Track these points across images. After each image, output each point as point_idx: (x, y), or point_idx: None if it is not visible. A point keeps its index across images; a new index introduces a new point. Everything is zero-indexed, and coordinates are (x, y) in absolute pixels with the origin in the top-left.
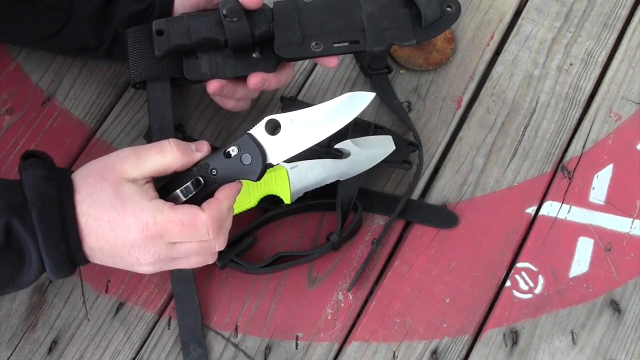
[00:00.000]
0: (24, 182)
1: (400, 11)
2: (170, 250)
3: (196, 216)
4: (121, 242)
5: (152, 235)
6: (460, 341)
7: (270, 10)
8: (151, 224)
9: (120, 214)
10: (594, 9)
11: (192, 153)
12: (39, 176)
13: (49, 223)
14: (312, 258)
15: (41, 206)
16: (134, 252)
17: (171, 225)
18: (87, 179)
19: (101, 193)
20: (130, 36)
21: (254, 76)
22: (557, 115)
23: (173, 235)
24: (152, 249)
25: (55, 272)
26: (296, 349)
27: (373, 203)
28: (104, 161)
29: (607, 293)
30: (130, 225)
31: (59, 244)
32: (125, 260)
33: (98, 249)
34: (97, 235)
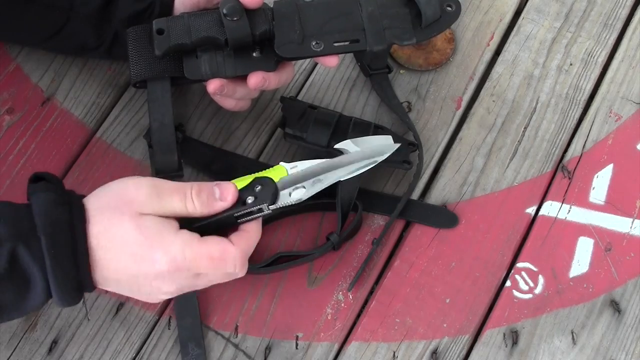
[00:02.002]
0: (33, 206)
1: (401, 10)
2: (194, 280)
3: (226, 250)
4: (144, 274)
5: (180, 268)
6: (460, 341)
7: (271, 10)
8: (180, 258)
9: (147, 249)
10: (594, 9)
11: (214, 203)
12: (49, 200)
13: (60, 251)
14: (312, 258)
15: (52, 233)
16: (156, 283)
17: (200, 259)
18: (102, 211)
19: (121, 228)
20: (130, 35)
21: (254, 75)
22: (557, 115)
23: (200, 269)
24: (177, 280)
25: (62, 301)
26: (296, 349)
27: (373, 203)
28: (121, 193)
29: (607, 293)
30: (157, 259)
31: (69, 272)
32: (143, 290)
33: (114, 280)
34: (116, 269)
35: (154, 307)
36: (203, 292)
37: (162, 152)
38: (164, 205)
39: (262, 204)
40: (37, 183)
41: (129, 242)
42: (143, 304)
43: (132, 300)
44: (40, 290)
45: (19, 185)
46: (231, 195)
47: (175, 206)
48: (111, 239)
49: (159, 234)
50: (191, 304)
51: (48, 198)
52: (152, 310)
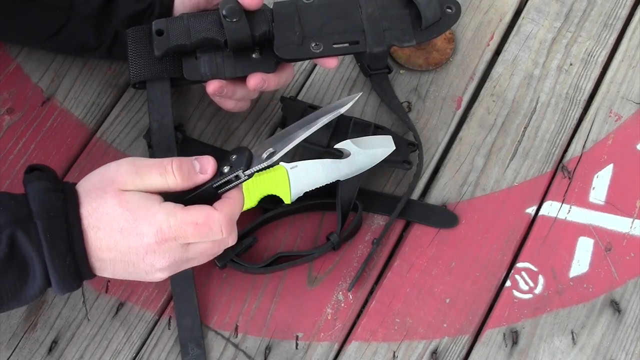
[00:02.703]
0: (29, 194)
1: (401, 12)
2: (185, 252)
3: (209, 216)
4: (135, 249)
5: (166, 238)
6: (460, 341)
7: (270, 11)
8: (165, 227)
9: (132, 223)
10: (594, 9)
11: (195, 176)
12: (43, 188)
13: (55, 235)
14: (312, 258)
15: (46, 218)
16: (148, 258)
17: (185, 227)
18: (89, 193)
19: (106, 206)
20: (130, 36)
21: (254, 77)
22: (557, 115)
23: (188, 236)
24: (167, 252)
25: (61, 285)
26: (296, 349)
27: (373, 203)
28: (104, 173)
29: (607, 293)
30: (144, 231)
31: (65, 256)
32: (139, 268)
33: (109, 260)
34: (108, 246)
35: (154, 307)
36: (203, 291)
37: (162, 152)
38: (144, 180)
39: (238, 171)
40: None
41: (115, 218)
42: (143, 303)
43: (132, 300)
44: (38, 275)
45: (19, 185)
46: (211, 167)
47: (155, 181)
48: (99, 217)
49: (142, 207)
50: (191, 304)
51: (42, 186)
52: (152, 310)
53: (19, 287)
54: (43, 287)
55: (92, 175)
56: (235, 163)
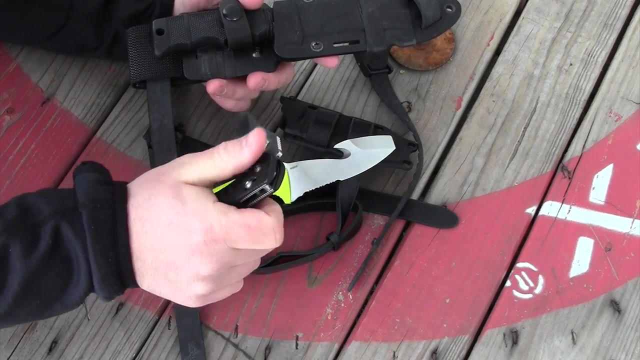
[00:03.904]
0: (77, 184)
1: (401, 11)
2: (233, 256)
3: (262, 220)
4: (181, 248)
5: (216, 238)
6: (460, 341)
7: (271, 10)
8: (216, 225)
9: (182, 216)
10: (594, 9)
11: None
12: (92, 179)
13: (99, 227)
14: (312, 258)
15: (92, 208)
16: (194, 261)
17: (237, 228)
18: (143, 184)
19: (159, 196)
20: (130, 36)
21: (254, 76)
22: (557, 115)
23: (238, 240)
24: (215, 255)
25: (102, 285)
26: (296, 349)
27: (373, 203)
28: (160, 167)
29: (607, 293)
30: (193, 227)
31: (108, 251)
32: (181, 275)
33: (151, 261)
34: (153, 243)
35: (154, 307)
36: None
37: (162, 152)
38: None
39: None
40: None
41: (165, 209)
42: (143, 303)
43: (132, 300)
44: (82, 275)
45: (19, 185)
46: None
47: (206, 165)
48: (149, 207)
49: (195, 201)
50: None
51: (91, 177)
52: (152, 310)
53: (63, 287)
54: (87, 288)
55: (147, 172)
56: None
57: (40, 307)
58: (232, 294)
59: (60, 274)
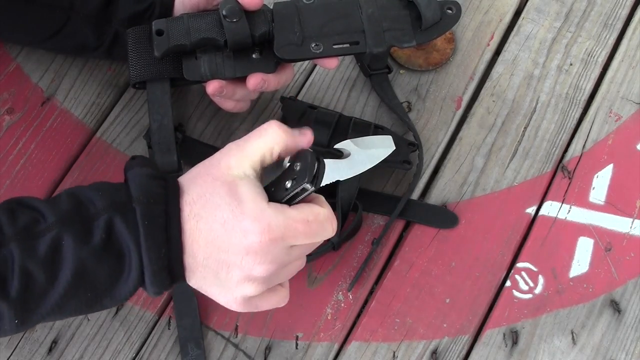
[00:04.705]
0: (130, 179)
1: (401, 13)
2: (288, 254)
3: (318, 212)
4: (235, 247)
5: (274, 238)
6: (460, 341)
7: (270, 11)
8: (274, 225)
9: (238, 216)
10: (594, 9)
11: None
12: (145, 174)
13: (153, 222)
14: (312, 258)
15: (146, 203)
16: (248, 261)
17: (295, 225)
18: (196, 179)
19: (214, 193)
20: (130, 36)
21: (254, 77)
22: (557, 115)
23: (297, 235)
24: (271, 254)
25: (154, 280)
26: (296, 349)
27: (373, 203)
28: (209, 160)
29: (607, 293)
30: (249, 228)
31: (161, 246)
32: (232, 275)
33: (203, 259)
34: (206, 241)
35: (154, 307)
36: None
37: (162, 152)
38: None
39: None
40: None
41: (221, 207)
42: (143, 303)
43: (132, 300)
44: (134, 267)
45: (19, 185)
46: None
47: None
48: (204, 204)
49: (252, 201)
50: (191, 304)
51: (144, 172)
52: (152, 311)
53: (114, 280)
54: (137, 283)
55: (197, 165)
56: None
57: (90, 300)
58: None
59: (112, 267)
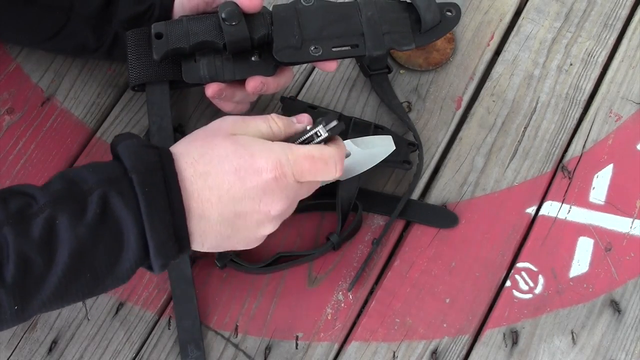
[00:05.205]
0: (121, 152)
1: (400, 15)
2: (298, 191)
3: (324, 149)
4: (252, 191)
5: (285, 173)
6: (460, 341)
7: (270, 14)
8: (284, 160)
9: (248, 159)
10: (594, 9)
11: (294, 125)
12: (138, 144)
13: (154, 189)
14: (312, 258)
15: (144, 171)
16: (266, 201)
17: (302, 161)
18: (193, 142)
19: (217, 147)
20: (129, 38)
21: (253, 80)
22: (557, 115)
23: (304, 171)
24: (284, 191)
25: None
26: (296, 349)
27: (373, 203)
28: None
29: (607, 293)
30: (262, 166)
31: (164, 213)
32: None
33: (218, 216)
34: (219, 196)
35: (154, 307)
36: (203, 292)
37: None
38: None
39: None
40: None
41: (229, 158)
42: (143, 303)
43: (132, 300)
44: (133, 240)
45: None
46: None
47: (261, 127)
48: (209, 161)
49: (257, 143)
50: (191, 305)
51: (135, 142)
52: (152, 311)
53: (113, 256)
54: (139, 257)
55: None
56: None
57: (91, 281)
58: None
59: (110, 243)
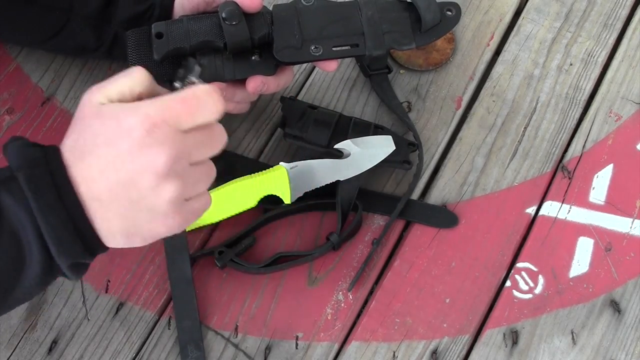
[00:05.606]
0: (8, 153)
1: (400, 15)
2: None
3: (195, 89)
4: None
5: (155, 122)
6: (460, 341)
7: (270, 14)
8: (151, 111)
9: (115, 124)
10: (594, 9)
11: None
12: (22, 144)
13: (39, 183)
14: (312, 258)
15: (28, 167)
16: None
17: (172, 104)
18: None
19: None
20: (130, 38)
21: (253, 79)
22: (557, 115)
23: (179, 116)
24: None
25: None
26: (296, 349)
27: (373, 203)
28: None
29: (607, 293)
30: (130, 125)
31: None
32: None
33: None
34: (101, 172)
35: (154, 307)
36: (203, 292)
37: None
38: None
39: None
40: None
41: (97, 132)
42: (143, 303)
43: (132, 300)
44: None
45: None
46: None
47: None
48: (83, 143)
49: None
50: (190, 306)
51: (21, 142)
52: (152, 311)
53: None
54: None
55: None
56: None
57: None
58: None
59: (9, 250)
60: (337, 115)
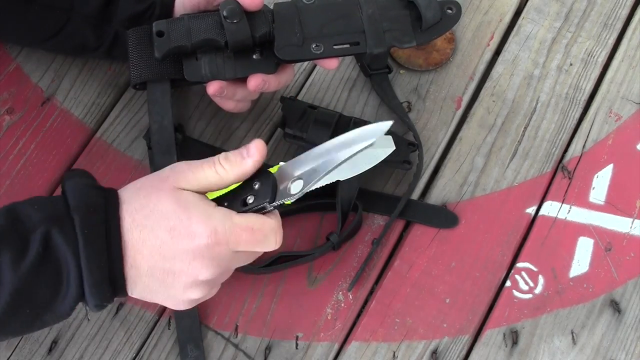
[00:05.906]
0: (68, 190)
1: (401, 13)
2: (231, 261)
3: (265, 222)
4: (183, 254)
5: (219, 241)
6: (460, 341)
7: (271, 12)
8: (220, 229)
9: (185, 222)
10: (594, 9)
11: (242, 162)
12: (85, 184)
13: (93, 231)
14: (312, 258)
15: (85, 212)
16: (194, 266)
17: (240, 231)
18: (139, 191)
19: (158, 203)
20: (130, 37)
21: (254, 78)
22: (557, 115)
23: (240, 242)
24: (216, 259)
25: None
26: (296, 349)
27: (373, 203)
28: (156, 175)
29: (607, 293)
30: (197, 231)
31: (101, 256)
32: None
33: (147, 269)
34: (151, 250)
35: (154, 307)
36: None
37: (162, 153)
38: (197, 175)
39: (264, 203)
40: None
41: (167, 216)
42: (143, 303)
43: (132, 300)
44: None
45: (19, 185)
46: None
47: (207, 174)
48: (148, 214)
49: (198, 207)
50: None
51: (83, 182)
52: (152, 310)
53: (53, 294)
54: (77, 296)
55: (142, 178)
56: (260, 194)
57: (31, 317)
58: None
59: (50, 281)
60: (337, 115)
